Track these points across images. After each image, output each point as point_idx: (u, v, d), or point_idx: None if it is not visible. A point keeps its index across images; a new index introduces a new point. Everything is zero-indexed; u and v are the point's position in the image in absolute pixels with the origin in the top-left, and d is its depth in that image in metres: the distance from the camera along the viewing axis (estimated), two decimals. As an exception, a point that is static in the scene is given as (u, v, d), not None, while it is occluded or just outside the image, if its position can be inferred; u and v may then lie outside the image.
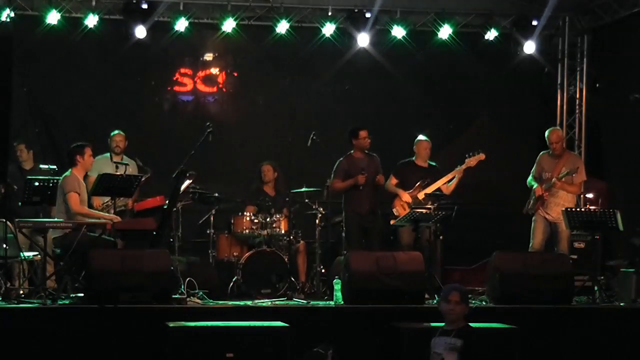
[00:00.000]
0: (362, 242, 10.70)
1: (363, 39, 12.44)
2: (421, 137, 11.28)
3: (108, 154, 10.91)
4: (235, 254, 10.82)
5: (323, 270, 10.71)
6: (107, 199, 10.07)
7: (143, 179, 10.18)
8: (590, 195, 12.50)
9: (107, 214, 9.71)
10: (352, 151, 10.94)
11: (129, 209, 10.54)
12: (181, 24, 12.35)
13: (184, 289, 9.33)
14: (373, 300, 8.93)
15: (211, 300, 9.29)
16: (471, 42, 13.00)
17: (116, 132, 11.12)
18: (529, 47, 12.72)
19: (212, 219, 10.96)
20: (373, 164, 10.89)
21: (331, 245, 11.38)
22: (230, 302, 9.42)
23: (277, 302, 9.53)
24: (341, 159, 10.93)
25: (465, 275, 11.71)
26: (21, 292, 9.11)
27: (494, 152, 12.25)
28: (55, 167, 10.75)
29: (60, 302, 8.66)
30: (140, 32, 11.98)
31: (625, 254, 11.47)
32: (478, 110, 13.42)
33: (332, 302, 9.36)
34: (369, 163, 10.87)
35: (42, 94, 12.49)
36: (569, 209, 10.21)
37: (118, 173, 10.20)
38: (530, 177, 11.03)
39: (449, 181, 10.99)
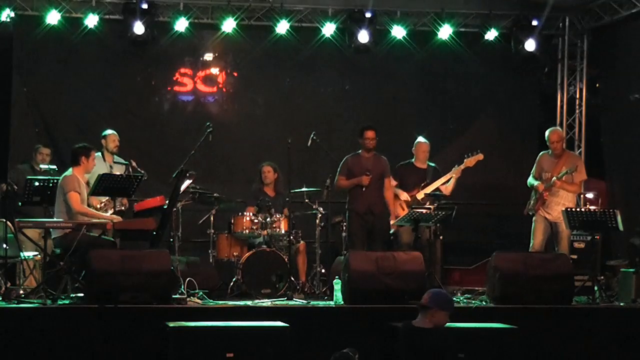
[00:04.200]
0: (364, 242, 10.68)
1: (363, 38, 12.43)
2: (420, 139, 11.28)
3: (99, 153, 10.77)
4: (235, 254, 10.82)
5: (323, 270, 10.71)
6: (104, 199, 10.06)
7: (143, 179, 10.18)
8: (590, 195, 12.50)
9: (107, 214, 9.71)
10: (359, 151, 10.94)
11: (127, 208, 10.51)
12: (181, 24, 12.36)
13: (184, 289, 9.33)
14: (373, 300, 8.93)
15: (211, 300, 9.29)
16: (471, 42, 13.00)
17: (110, 131, 10.99)
18: (530, 46, 12.71)
19: (212, 219, 10.95)
20: (379, 165, 10.87)
21: (331, 245, 11.38)
22: (230, 302, 9.42)
23: (277, 302, 9.52)
24: (348, 156, 10.92)
25: (465, 275, 11.72)
26: (21, 292, 9.10)
27: (494, 152, 12.28)
28: (55, 167, 10.73)
29: (60, 302, 8.65)
30: (139, 29, 11.98)
31: (625, 254, 11.48)
32: (478, 110, 13.42)
33: (332, 302, 9.36)
34: (375, 164, 10.85)
35: (42, 94, 12.49)
36: (569, 209, 10.21)
37: (117, 173, 10.22)
38: (530, 178, 11.03)
39: (447, 181, 10.99)
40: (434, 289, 8.02)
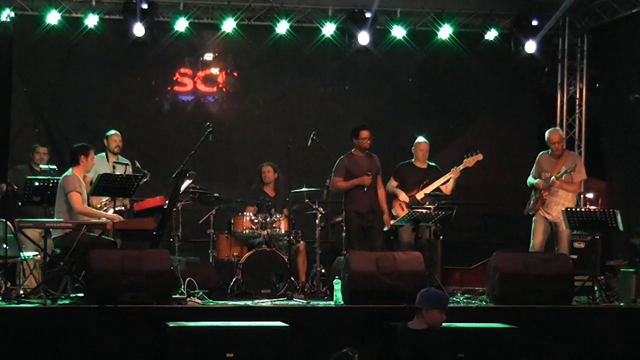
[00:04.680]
0: (363, 242, 10.67)
1: (363, 38, 12.44)
2: (420, 139, 11.27)
3: (104, 154, 10.87)
4: (235, 254, 10.82)
5: (323, 270, 10.71)
6: (105, 198, 10.07)
7: (144, 180, 10.18)
8: (590, 195, 12.50)
9: (109, 213, 9.71)
10: (352, 150, 10.91)
11: (128, 208, 10.51)
12: (181, 24, 12.36)
13: (184, 289, 9.33)
14: (373, 300, 8.92)
15: (211, 300, 9.29)
16: (471, 42, 13.00)
17: (113, 131, 11.06)
18: (530, 46, 12.72)
19: (212, 219, 10.95)
20: (375, 164, 10.87)
21: (331, 245, 11.38)
22: (230, 302, 9.42)
23: (277, 302, 9.52)
24: (342, 156, 10.89)
25: (465, 275, 11.72)
26: (21, 292, 9.10)
27: (494, 152, 12.28)
28: (55, 167, 10.73)
29: (60, 302, 8.66)
30: (139, 30, 11.98)
31: (625, 254, 11.48)
32: (478, 110, 13.42)
33: (332, 302, 9.36)
34: (370, 163, 10.84)
35: (42, 94, 12.50)
36: (569, 209, 10.20)
37: (118, 173, 10.22)
38: (530, 177, 11.03)
39: (447, 181, 10.99)
40: (424, 289, 8.04)
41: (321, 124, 12.33)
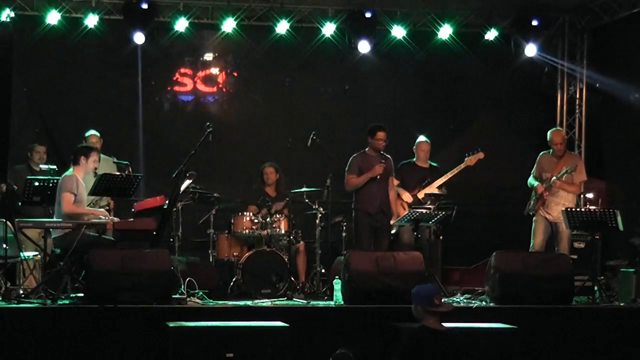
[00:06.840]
0: (371, 242, 10.65)
1: (363, 43, 12.46)
2: (421, 138, 11.28)
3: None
4: (235, 254, 10.83)
5: (323, 270, 10.70)
6: (91, 197, 10.06)
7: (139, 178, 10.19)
8: (590, 195, 12.49)
9: (97, 210, 9.67)
10: (366, 149, 10.85)
11: (112, 207, 10.47)
12: (181, 24, 12.36)
13: (184, 289, 9.33)
14: (373, 300, 8.93)
15: (211, 300, 9.29)
16: (471, 42, 12.99)
17: (90, 132, 11.06)
18: (530, 50, 12.73)
19: (212, 219, 10.96)
20: (387, 165, 10.83)
21: (331, 245, 11.37)
22: (230, 302, 9.41)
23: (277, 302, 9.52)
24: (355, 154, 10.84)
25: (465, 275, 11.73)
26: (21, 292, 9.10)
27: (494, 152, 12.27)
28: (55, 167, 10.72)
29: (60, 302, 8.66)
30: (139, 38, 12.00)
31: (625, 254, 11.48)
32: (478, 110, 13.42)
33: (332, 302, 9.36)
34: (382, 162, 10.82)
35: (42, 94, 12.50)
36: (569, 209, 10.21)
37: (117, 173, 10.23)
38: (531, 178, 11.04)
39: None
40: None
41: (321, 124, 12.31)
